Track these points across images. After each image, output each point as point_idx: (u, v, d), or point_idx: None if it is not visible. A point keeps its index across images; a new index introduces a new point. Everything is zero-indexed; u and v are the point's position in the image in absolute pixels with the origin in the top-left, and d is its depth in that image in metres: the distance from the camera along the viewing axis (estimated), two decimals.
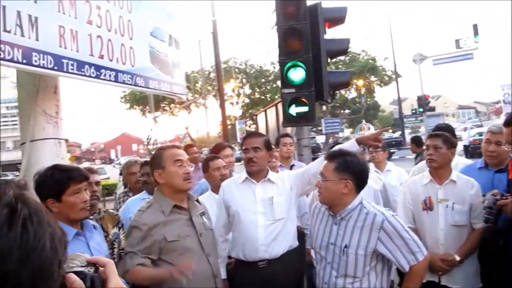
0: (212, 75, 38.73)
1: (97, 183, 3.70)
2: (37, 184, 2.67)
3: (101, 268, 1.10)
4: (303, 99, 6.11)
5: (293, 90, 6.15)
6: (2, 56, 3.39)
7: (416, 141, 8.64)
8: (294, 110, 6.14)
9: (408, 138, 30.25)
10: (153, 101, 30.29)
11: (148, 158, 5.06)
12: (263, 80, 44.16)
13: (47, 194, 2.61)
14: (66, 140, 4.52)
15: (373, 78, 43.55)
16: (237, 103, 44.79)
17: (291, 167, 5.68)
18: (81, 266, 1.04)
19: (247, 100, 45.72)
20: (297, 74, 6.11)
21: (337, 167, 2.85)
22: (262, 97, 44.48)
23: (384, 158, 5.86)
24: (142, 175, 4.74)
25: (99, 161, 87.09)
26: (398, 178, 5.51)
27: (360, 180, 2.87)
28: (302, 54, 6.09)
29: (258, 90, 45.04)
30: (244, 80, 44.22)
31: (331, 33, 6.89)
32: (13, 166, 54.52)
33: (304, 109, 6.12)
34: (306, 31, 6.08)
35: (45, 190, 2.61)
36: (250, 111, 43.29)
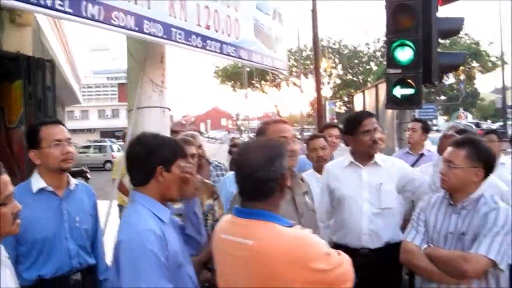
0: (304, 54, 38.41)
1: (193, 155, 3.58)
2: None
3: None
4: (409, 81, 5.76)
5: (399, 71, 5.82)
6: (116, 22, 3.44)
7: None
8: (398, 91, 5.82)
9: (510, 130, 28.12)
10: (246, 77, 30.64)
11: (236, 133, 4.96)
12: (356, 61, 43.14)
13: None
14: (169, 109, 4.57)
15: (474, 64, 41.01)
16: (328, 83, 44.18)
17: (420, 157, 5.39)
18: None
19: (338, 81, 44.95)
20: (405, 54, 5.76)
21: (469, 154, 2.70)
22: (354, 78, 43.54)
23: (499, 149, 5.37)
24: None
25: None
26: None
27: (489, 169, 2.74)
28: (412, 32, 5.72)
29: (350, 71, 44.10)
30: (336, 61, 43.44)
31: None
32: (111, 133, 58.12)
33: (410, 91, 5.78)
34: (417, 7, 5.69)
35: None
36: (341, 92, 42.57)
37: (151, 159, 2.25)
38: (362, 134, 3.36)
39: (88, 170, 16.94)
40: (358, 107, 10.50)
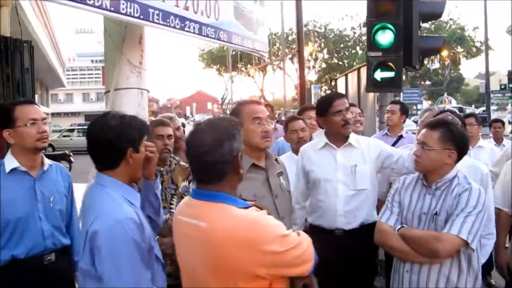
0: (290, 38, 38.24)
1: (169, 136, 3.52)
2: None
3: None
4: (390, 64, 5.78)
5: (379, 54, 5.82)
6: (91, 2, 3.39)
7: None
8: (379, 75, 5.83)
9: (493, 115, 28.39)
10: (231, 60, 30.39)
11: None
12: (342, 45, 43.07)
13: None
14: (148, 91, 4.54)
15: (459, 49, 41.16)
16: (313, 67, 44.07)
17: (399, 138, 5.42)
18: None
19: (324, 65, 44.86)
20: (386, 37, 5.76)
21: (442, 136, 2.73)
22: (340, 62, 43.51)
23: (478, 133, 5.46)
24: None
25: None
26: (490, 156, 5.07)
27: (462, 151, 2.77)
28: (393, 16, 5.71)
29: (336, 55, 44.05)
30: (322, 45, 43.31)
31: None
32: (95, 116, 57.40)
33: (390, 74, 5.80)
34: None
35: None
36: (327, 76, 42.52)
37: (121, 142, 2.13)
38: (333, 114, 3.36)
39: (71, 154, 16.93)
40: (341, 90, 10.52)
